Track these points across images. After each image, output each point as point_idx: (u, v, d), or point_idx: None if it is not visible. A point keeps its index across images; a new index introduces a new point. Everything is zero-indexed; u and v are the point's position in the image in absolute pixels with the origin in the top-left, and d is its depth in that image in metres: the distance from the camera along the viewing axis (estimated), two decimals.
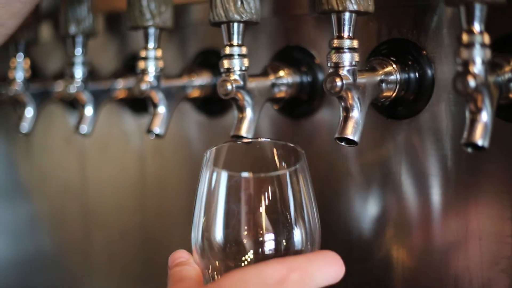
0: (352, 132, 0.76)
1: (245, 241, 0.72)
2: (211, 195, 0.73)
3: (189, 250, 0.75)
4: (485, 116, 0.68)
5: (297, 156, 0.73)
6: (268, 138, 0.81)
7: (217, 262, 0.72)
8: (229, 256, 0.72)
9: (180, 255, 0.74)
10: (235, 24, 0.82)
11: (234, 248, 0.72)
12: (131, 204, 1.20)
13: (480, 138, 0.67)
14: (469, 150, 0.69)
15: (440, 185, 0.84)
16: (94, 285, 1.28)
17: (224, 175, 0.72)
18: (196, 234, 0.73)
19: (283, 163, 0.75)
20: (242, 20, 0.82)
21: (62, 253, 1.32)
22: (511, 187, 0.79)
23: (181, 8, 1.01)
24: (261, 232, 0.72)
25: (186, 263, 0.73)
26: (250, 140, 0.80)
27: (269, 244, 0.71)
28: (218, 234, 0.72)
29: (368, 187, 0.90)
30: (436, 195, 0.84)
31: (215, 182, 0.73)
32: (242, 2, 0.81)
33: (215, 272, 0.72)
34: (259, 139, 0.77)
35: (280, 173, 0.72)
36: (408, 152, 0.86)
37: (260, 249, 0.71)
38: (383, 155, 0.88)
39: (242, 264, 0.71)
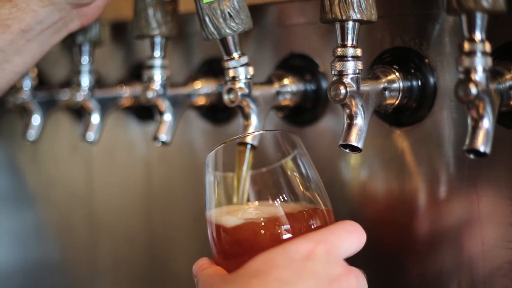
0: (356, 139, 0.76)
1: (262, 231, 0.74)
2: (219, 197, 0.76)
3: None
4: (486, 123, 0.69)
5: (292, 142, 0.78)
6: (260, 130, 0.83)
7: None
8: None
9: (203, 262, 0.77)
10: (230, 38, 0.83)
11: None
12: (137, 211, 1.20)
13: (482, 144, 0.68)
14: (471, 156, 0.70)
15: (443, 191, 0.84)
16: None
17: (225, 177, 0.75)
18: (213, 235, 0.76)
19: (281, 151, 0.78)
20: (235, 33, 0.83)
21: (68, 259, 1.33)
22: None
23: (186, 17, 1.02)
24: (277, 223, 0.74)
25: (210, 267, 0.76)
26: (243, 135, 0.82)
27: (285, 231, 0.73)
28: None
29: (372, 194, 0.91)
30: (438, 201, 0.85)
31: (219, 184, 0.75)
32: (231, 16, 0.82)
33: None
34: (253, 133, 0.79)
35: (279, 164, 0.75)
36: (411, 159, 0.87)
37: (277, 236, 0.73)
38: (386, 162, 0.89)
39: None
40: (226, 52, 0.84)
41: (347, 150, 0.78)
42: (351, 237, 0.72)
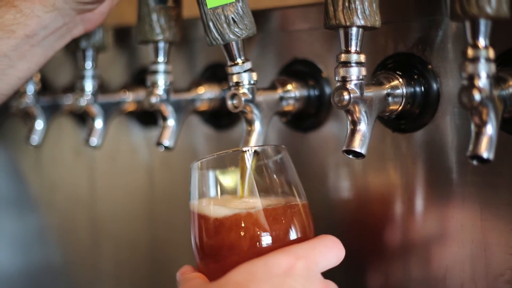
0: (359, 144, 0.77)
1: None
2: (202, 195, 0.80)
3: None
4: (490, 129, 0.69)
5: (279, 151, 0.80)
6: (250, 146, 0.84)
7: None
8: None
9: (186, 269, 0.80)
10: (233, 43, 0.84)
11: None
12: (140, 215, 1.21)
13: (485, 150, 0.69)
14: (475, 162, 0.70)
15: (446, 197, 0.85)
16: None
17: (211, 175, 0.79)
18: (194, 239, 0.80)
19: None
20: (239, 38, 0.83)
21: (71, 264, 1.33)
22: None
23: (189, 22, 1.03)
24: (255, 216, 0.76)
25: (192, 273, 0.79)
26: (231, 150, 0.82)
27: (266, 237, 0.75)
28: None
29: (375, 199, 0.91)
30: (441, 207, 0.85)
31: (206, 178, 0.79)
32: (235, 21, 0.82)
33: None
34: (242, 148, 0.81)
35: (260, 163, 0.78)
36: (414, 164, 0.87)
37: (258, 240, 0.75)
38: (389, 168, 0.89)
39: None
40: (229, 57, 0.84)
41: (350, 156, 0.78)
42: (330, 252, 0.74)
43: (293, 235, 0.76)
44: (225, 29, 0.82)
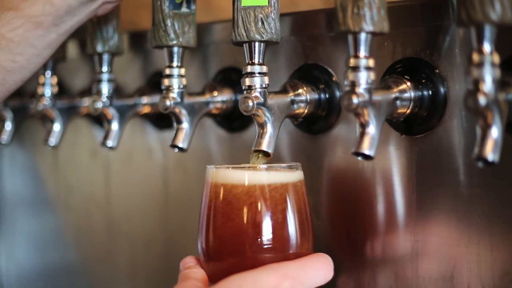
0: (368, 147, 0.78)
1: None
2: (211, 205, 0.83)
3: None
4: (495, 132, 0.70)
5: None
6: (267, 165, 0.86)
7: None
8: None
9: (189, 260, 0.84)
10: (256, 44, 0.86)
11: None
12: (155, 216, 1.22)
13: (490, 153, 0.70)
14: (480, 164, 0.71)
15: (453, 199, 0.86)
16: None
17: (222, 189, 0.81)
18: (201, 241, 0.82)
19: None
20: (262, 39, 0.85)
21: (87, 264, 1.34)
22: None
23: (203, 27, 1.04)
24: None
25: (193, 267, 0.82)
26: (247, 166, 0.85)
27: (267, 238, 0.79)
28: None
29: (383, 201, 0.92)
30: (449, 209, 0.86)
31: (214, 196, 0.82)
32: (262, 22, 0.85)
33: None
34: (257, 166, 0.83)
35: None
36: (422, 167, 0.88)
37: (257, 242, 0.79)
38: (397, 170, 0.90)
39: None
40: (249, 57, 0.86)
41: (359, 158, 0.79)
42: (317, 274, 0.77)
43: (290, 216, 0.80)
44: (252, 27, 0.84)
